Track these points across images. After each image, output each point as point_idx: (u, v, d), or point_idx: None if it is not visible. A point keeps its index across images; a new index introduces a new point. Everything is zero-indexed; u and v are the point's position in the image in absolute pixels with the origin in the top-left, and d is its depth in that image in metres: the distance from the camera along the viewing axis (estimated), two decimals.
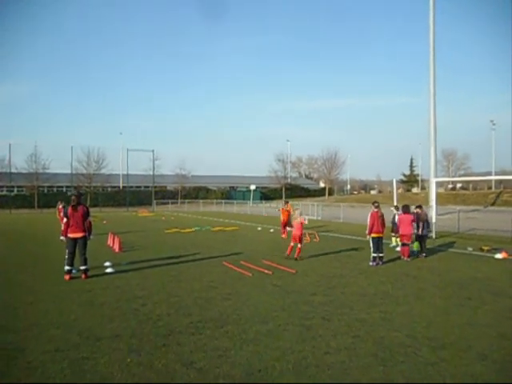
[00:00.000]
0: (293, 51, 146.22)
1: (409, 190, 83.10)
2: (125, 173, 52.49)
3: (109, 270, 9.74)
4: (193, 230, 21.01)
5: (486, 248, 13.66)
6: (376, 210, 11.31)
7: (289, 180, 78.55)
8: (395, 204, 22.46)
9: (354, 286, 8.33)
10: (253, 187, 57.82)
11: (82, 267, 9.02)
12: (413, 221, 11.99)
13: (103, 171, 54.86)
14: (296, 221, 11.98)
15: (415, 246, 12.62)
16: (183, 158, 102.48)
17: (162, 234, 19.38)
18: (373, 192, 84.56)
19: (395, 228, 14.52)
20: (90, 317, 6.18)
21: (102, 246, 14.45)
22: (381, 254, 11.02)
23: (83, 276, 8.94)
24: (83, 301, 7.09)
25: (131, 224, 25.92)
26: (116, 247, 13.26)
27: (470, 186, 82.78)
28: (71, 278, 8.91)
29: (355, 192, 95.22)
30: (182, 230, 20.68)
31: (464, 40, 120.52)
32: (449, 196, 56.26)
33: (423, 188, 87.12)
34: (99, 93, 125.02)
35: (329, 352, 4.87)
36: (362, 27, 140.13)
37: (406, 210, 12.24)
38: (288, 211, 17.79)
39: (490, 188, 71.23)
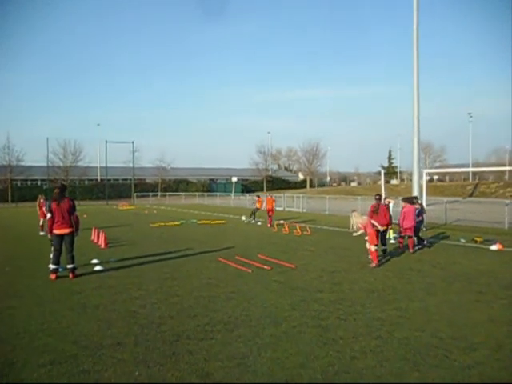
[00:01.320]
0: (271, 40, 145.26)
1: (388, 182, 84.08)
2: (103, 165, 51.10)
3: (98, 268, 9.13)
4: (178, 223, 20.39)
5: (478, 239, 13.59)
6: (379, 202, 11.03)
7: (270, 172, 78.33)
8: (383, 195, 22.44)
9: (360, 282, 7.98)
10: (234, 179, 57.23)
11: (70, 266, 8.38)
12: (419, 213, 11.84)
13: (80, 164, 53.29)
14: (362, 222, 10.07)
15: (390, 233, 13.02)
16: (163, 151, 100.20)
17: (147, 228, 18.70)
18: (353, 184, 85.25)
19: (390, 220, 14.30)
20: (84, 322, 5.60)
21: (86, 241, 13.72)
22: (384, 247, 10.79)
23: (71, 275, 8.31)
24: (75, 303, 6.49)
25: (113, 218, 25.06)
26: (102, 243, 12.57)
27: (447, 177, 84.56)
28: (57, 278, 8.26)
29: (334, 184, 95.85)
30: (167, 224, 20.03)
31: (439, 29, 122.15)
32: (427, 187, 57.00)
33: (402, 179, 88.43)
34: (75, 83, 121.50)
35: (355, 356, 4.47)
36: (341, 16, 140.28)
37: (410, 201, 12.05)
38: (273, 200, 20.21)
39: (465, 180, 72.82)
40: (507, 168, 36.74)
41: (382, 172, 23.08)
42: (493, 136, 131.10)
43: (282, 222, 19.60)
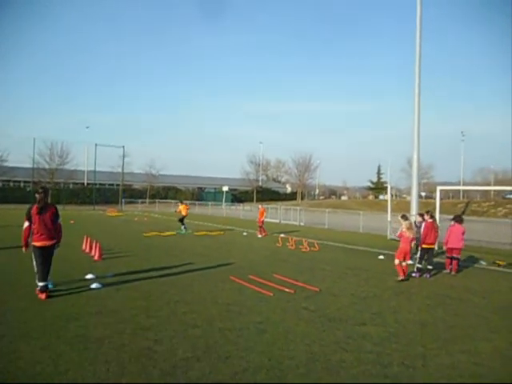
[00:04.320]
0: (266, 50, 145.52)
1: (376, 197, 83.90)
2: (90, 169, 49.39)
3: (95, 286, 7.87)
4: (174, 233, 19.10)
5: (501, 263, 12.72)
6: (431, 220, 10.78)
7: (260, 183, 77.35)
8: (389, 209, 21.53)
9: (403, 312, 6.93)
10: (225, 188, 55.95)
11: (41, 283, 7.05)
12: (463, 233, 11.01)
13: (67, 166, 51.44)
14: (406, 233, 9.79)
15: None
16: (152, 157, 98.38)
17: (141, 237, 17.36)
18: (344, 198, 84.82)
19: None
20: (88, 364, 4.39)
21: (77, 252, 12.41)
22: (429, 267, 10.39)
23: (43, 296, 6.98)
24: (72, 335, 5.25)
25: (102, 224, 23.61)
26: (95, 254, 11.26)
27: (434, 195, 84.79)
28: (48, 297, 7.00)
29: (322, 197, 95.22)
30: (162, 234, 18.73)
31: (434, 48, 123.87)
32: (420, 205, 56.71)
33: (391, 195, 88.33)
34: (64, 85, 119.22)
35: None
36: (338, 30, 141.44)
37: (458, 220, 11.22)
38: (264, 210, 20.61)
39: (452, 198, 73.11)
40: None
41: (389, 187, 22.25)
42: (476, 156, 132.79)
43: (282, 235, 18.54)
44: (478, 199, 65.27)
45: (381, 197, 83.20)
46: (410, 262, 10.14)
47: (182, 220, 20.10)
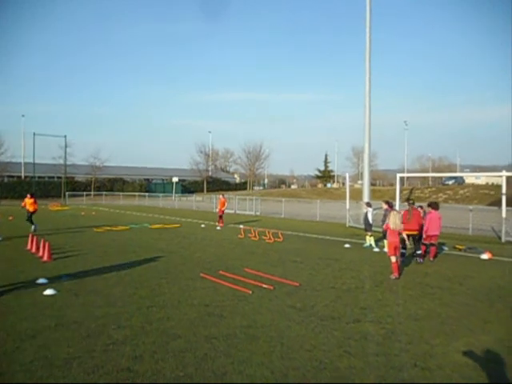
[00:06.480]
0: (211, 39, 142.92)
1: (325, 185, 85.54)
2: (28, 161, 45.89)
3: (49, 292, 6.84)
4: (128, 227, 17.90)
5: (460, 247, 13.01)
6: (413, 206, 10.88)
7: (210, 173, 76.08)
8: (347, 197, 21.62)
9: (392, 305, 6.62)
10: (175, 179, 54.31)
11: None
12: (440, 219, 10.93)
13: (1, 158, 47.42)
14: (395, 226, 8.88)
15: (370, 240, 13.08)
16: (96, 148, 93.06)
17: (92, 233, 16.06)
18: (294, 187, 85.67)
19: (368, 227, 13.29)
20: None
21: (21, 252, 11.09)
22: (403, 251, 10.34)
23: None
24: (31, 358, 4.30)
25: (46, 220, 21.74)
26: (44, 254, 10.02)
27: (377, 182, 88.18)
28: None
29: (257, 188, 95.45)
30: (115, 228, 17.49)
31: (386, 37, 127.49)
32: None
33: (337, 182, 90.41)
34: None
35: None
36: (291, 19, 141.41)
37: (434, 206, 11.11)
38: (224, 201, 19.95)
39: (391, 185, 76.40)
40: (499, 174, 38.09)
41: (347, 175, 22.32)
42: (414, 144, 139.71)
43: (242, 226, 18.00)
44: (419, 186, 68.53)
45: (328, 185, 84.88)
46: (403, 251, 10.12)
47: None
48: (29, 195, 16.75)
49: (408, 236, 10.06)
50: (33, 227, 15.81)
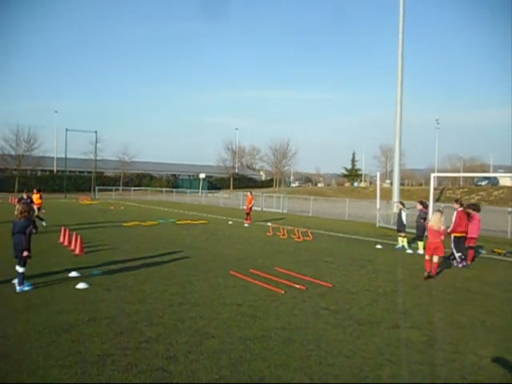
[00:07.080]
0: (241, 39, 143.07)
1: (352, 184, 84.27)
2: (60, 156, 47.09)
3: (81, 286, 6.86)
4: (156, 223, 18.02)
5: (500, 251, 12.41)
6: (461, 208, 10.51)
7: (236, 170, 76.25)
8: (378, 197, 21.09)
9: (431, 310, 6.30)
10: (202, 176, 54.55)
11: None
12: (479, 222, 10.54)
13: (34, 153, 48.77)
14: (434, 226, 8.69)
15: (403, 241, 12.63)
16: (125, 143, 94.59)
17: (122, 227, 16.23)
18: (320, 185, 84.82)
19: (402, 228, 12.85)
20: None
21: (54, 245, 11.26)
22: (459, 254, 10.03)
23: None
24: (65, 354, 4.28)
25: (76, 214, 22.20)
26: (76, 248, 10.14)
27: (405, 181, 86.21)
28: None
29: (293, 185, 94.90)
30: (143, 223, 17.62)
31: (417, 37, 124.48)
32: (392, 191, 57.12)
33: (365, 181, 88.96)
34: (29, 66, 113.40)
35: None
36: (309, 21, 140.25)
37: (475, 209, 10.68)
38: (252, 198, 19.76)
39: (420, 185, 74.47)
40: None
41: (378, 174, 21.75)
42: (443, 143, 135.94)
43: (270, 224, 17.82)
44: (450, 186, 66.54)
45: (355, 184, 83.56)
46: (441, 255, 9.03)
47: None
48: (35, 190, 16.87)
49: (458, 238, 9.91)
50: (43, 223, 15.27)
